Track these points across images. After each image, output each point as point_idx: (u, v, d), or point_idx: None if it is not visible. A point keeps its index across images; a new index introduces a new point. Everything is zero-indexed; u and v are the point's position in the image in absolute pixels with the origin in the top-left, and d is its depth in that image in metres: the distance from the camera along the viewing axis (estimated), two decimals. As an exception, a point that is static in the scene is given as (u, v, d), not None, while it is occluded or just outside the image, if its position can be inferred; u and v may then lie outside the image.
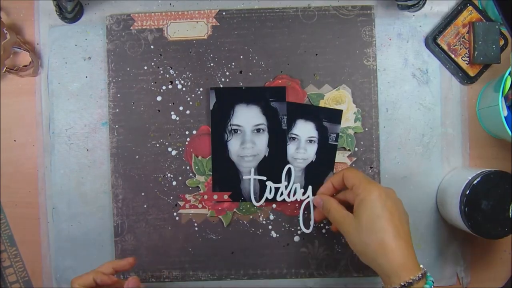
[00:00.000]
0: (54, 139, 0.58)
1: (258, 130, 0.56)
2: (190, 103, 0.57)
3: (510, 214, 0.51)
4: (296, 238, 0.57)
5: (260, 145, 0.56)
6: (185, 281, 0.57)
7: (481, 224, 0.52)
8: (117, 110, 0.57)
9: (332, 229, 0.55)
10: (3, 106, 0.58)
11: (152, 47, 0.57)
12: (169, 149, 0.57)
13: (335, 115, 0.56)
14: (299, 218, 0.56)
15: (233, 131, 0.56)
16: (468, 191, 0.52)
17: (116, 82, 0.57)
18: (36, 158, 0.58)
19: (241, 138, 0.56)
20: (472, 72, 0.58)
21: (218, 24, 0.57)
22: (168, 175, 0.57)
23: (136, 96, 0.57)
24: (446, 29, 0.58)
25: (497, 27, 0.57)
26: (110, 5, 0.58)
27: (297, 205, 0.57)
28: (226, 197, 0.56)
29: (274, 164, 0.56)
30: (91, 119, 0.58)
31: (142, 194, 0.57)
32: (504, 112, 0.53)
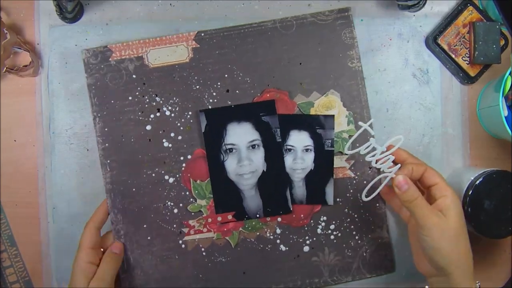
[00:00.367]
0: (54, 139, 0.58)
1: (253, 146, 0.55)
2: (181, 128, 0.56)
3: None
4: (306, 249, 0.56)
5: (257, 161, 0.55)
6: None
7: (484, 224, 0.52)
8: (106, 144, 0.55)
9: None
10: (3, 106, 0.58)
11: (134, 76, 0.56)
12: (166, 177, 0.56)
13: (328, 121, 0.56)
14: (367, 188, 0.53)
15: (228, 150, 0.55)
16: (471, 191, 0.52)
17: (101, 116, 0.56)
18: (36, 158, 0.58)
19: (237, 157, 0.55)
20: (472, 72, 0.58)
21: (198, 45, 0.56)
22: (168, 203, 0.56)
23: (124, 128, 0.56)
24: (447, 29, 0.58)
25: (497, 27, 0.57)
26: (110, 5, 0.58)
27: (302, 215, 0.56)
28: (230, 217, 0.55)
29: (274, 178, 0.56)
30: (91, 119, 0.58)
31: (144, 226, 0.55)
32: (505, 112, 0.53)
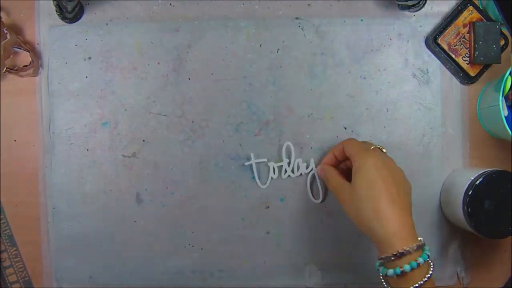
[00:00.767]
0: (54, 139, 0.58)
1: None
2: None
3: (512, 214, 0.51)
4: None
5: None
6: None
7: (485, 224, 0.52)
8: None
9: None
10: (3, 106, 0.58)
11: None
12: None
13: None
14: (308, 191, 0.57)
15: None
16: (471, 191, 0.52)
17: None
18: (36, 158, 0.58)
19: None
20: (472, 72, 0.58)
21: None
22: None
23: None
24: (447, 29, 0.58)
25: (497, 27, 0.56)
26: (110, 5, 0.58)
27: None
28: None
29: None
30: (91, 119, 0.58)
31: None
32: (505, 112, 0.53)
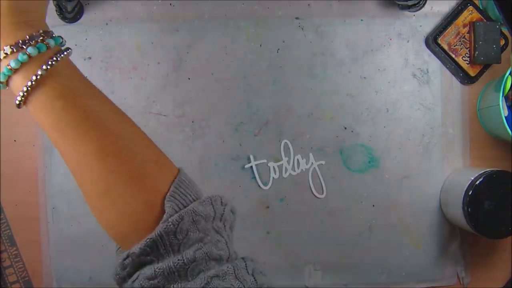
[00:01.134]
0: (54, 139, 0.58)
1: None
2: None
3: (512, 214, 0.51)
4: None
5: None
6: None
7: (485, 224, 0.52)
8: None
9: None
10: (3, 106, 0.58)
11: None
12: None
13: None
14: (310, 187, 0.57)
15: None
16: (471, 191, 0.52)
17: None
18: (36, 158, 0.58)
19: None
20: (472, 72, 0.58)
21: None
22: None
23: None
24: (447, 29, 0.58)
25: (497, 27, 0.56)
26: (110, 5, 0.58)
27: None
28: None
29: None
30: (91, 119, 0.58)
31: None
32: (505, 112, 0.53)
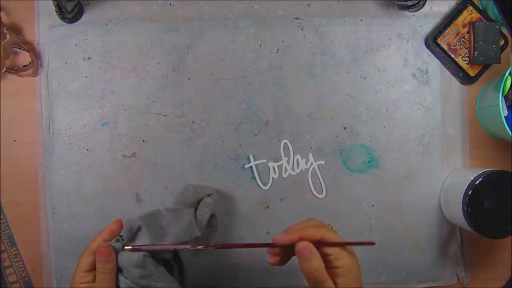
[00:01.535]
0: (54, 139, 0.58)
1: None
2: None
3: (512, 214, 0.51)
4: None
5: None
6: None
7: (484, 224, 0.52)
8: None
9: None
10: (3, 106, 0.58)
11: None
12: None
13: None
14: (310, 187, 0.57)
15: None
16: (471, 191, 0.52)
17: None
18: (36, 158, 0.58)
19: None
20: (472, 72, 0.58)
21: None
22: None
23: None
24: (446, 29, 0.58)
25: (497, 27, 0.56)
26: (110, 5, 0.58)
27: None
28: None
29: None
30: (91, 119, 0.58)
31: None
32: (504, 112, 0.53)
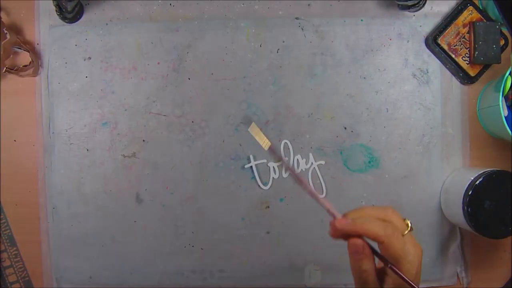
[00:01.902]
0: (54, 139, 0.58)
1: None
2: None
3: (512, 214, 0.51)
4: None
5: None
6: None
7: (485, 224, 0.51)
8: None
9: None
10: (3, 106, 0.58)
11: None
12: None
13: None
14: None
15: None
16: (471, 191, 0.52)
17: None
18: (36, 158, 0.58)
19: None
20: (472, 72, 0.58)
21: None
22: None
23: None
24: (447, 29, 0.58)
25: (497, 27, 0.56)
26: (110, 5, 0.58)
27: None
28: None
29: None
30: (91, 119, 0.58)
31: None
32: (505, 112, 0.53)
